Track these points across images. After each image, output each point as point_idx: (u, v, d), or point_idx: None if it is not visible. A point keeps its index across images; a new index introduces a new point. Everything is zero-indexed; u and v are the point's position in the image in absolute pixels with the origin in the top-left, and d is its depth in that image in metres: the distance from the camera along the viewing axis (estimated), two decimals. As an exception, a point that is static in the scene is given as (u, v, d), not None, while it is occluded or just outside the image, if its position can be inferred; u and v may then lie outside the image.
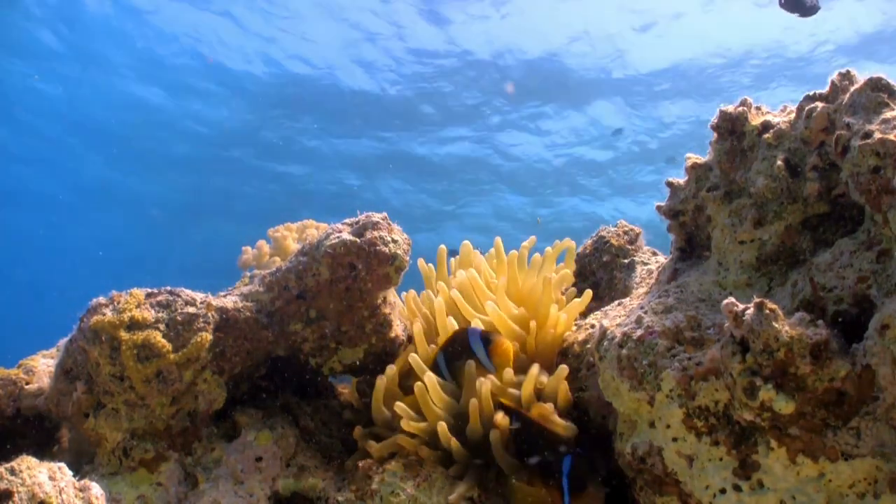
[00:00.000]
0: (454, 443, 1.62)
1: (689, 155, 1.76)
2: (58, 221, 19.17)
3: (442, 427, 1.63)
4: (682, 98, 12.47)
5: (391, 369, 1.84)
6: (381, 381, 1.80)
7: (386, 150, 14.52)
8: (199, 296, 1.78)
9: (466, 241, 2.26)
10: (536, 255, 2.09)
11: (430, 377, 1.68)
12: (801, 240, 1.48)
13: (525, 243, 2.17)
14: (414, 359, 1.76)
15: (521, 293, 2.02)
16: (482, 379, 1.69)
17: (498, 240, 2.21)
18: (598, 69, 12.03)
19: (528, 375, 1.69)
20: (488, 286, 2.03)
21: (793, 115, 1.55)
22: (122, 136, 14.42)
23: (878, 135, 1.24)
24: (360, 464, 1.70)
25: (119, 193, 17.13)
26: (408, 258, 1.88)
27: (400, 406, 1.70)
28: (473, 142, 14.24)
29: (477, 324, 1.87)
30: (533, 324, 1.86)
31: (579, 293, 2.20)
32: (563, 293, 2.11)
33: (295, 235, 2.91)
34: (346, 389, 2.22)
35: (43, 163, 15.83)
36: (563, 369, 1.70)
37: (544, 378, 1.74)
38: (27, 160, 15.75)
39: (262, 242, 2.91)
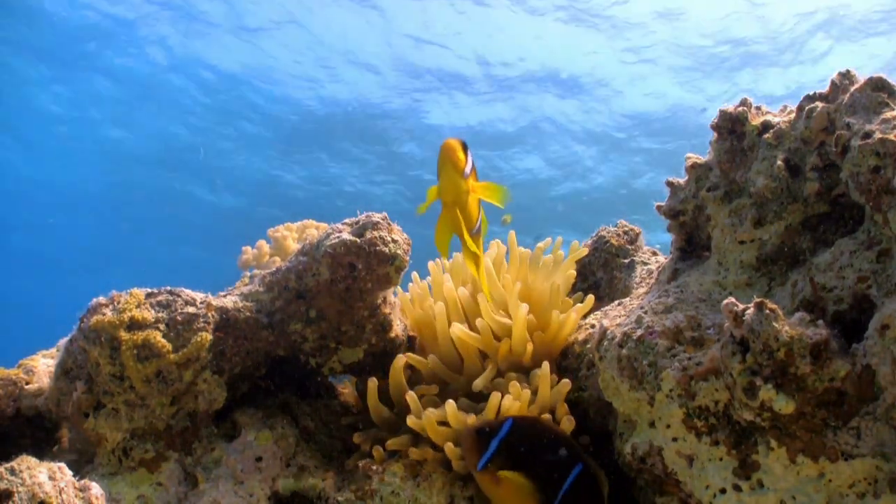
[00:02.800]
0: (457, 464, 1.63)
1: (688, 154, 1.76)
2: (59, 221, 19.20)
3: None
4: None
5: (399, 360, 1.85)
6: (373, 383, 1.80)
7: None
8: (199, 296, 1.78)
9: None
10: (548, 257, 2.09)
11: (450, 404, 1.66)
12: (801, 240, 1.48)
13: (540, 244, 2.17)
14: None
15: (531, 295, 2.02)
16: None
17: (512, 234, 2.20)
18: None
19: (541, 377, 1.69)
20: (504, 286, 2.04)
21: (793, 115, 1.55)
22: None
23: (878, 135, 1.24)
24: (360, 464, 1.70)
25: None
26: (408, 258, 1.88)
27: (411, 396, 1.70)
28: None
29: (489, 318, 1.87)
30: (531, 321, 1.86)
31: (579, 293, 2.20)
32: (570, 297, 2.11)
33: (295, 235, 2.91)
34: (346, 389, 2.22)
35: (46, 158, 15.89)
36: (565, 384, 1.70)
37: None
38: (28, 155, 15.80)
39: (262, 242, 2.91)
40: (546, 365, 1.68)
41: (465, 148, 1.44)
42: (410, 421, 1.66)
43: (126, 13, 11.55)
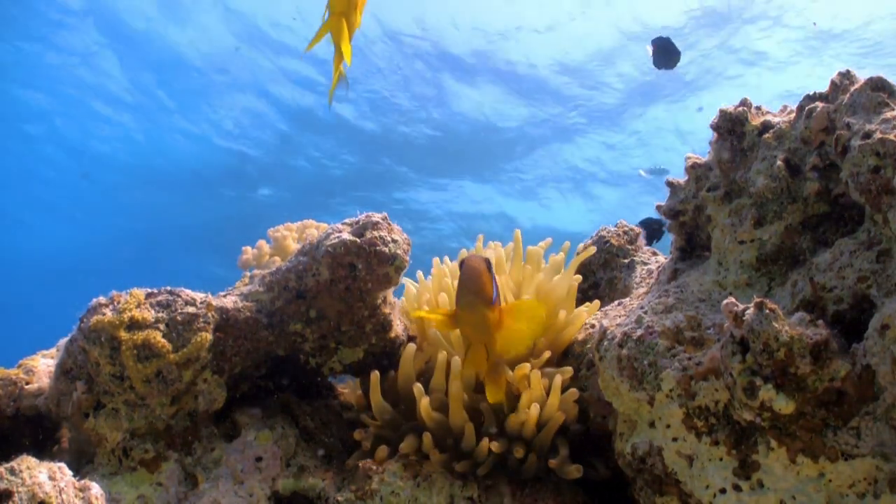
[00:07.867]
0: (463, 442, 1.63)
1: (688, 154, 1.76)
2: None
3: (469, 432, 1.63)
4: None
5: (410, 349, 1.85)
6: (375, 376, 1.80)
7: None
8: (199, 296, 1.78)
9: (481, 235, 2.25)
10: (553, 256, 2.08)
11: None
12: (801, 240, 1.48)
13: (542, 244, 2.16)
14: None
15: (539, 294, 2.01)
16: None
17: (517, 233, 2.20)
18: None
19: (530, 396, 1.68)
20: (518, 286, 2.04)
21: (793, 115, 1.55)
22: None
23: (878, 135, 1.24)
24: (360, 464, 1.70)
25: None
26: (408, 258, 1.88)
27: (418, 388, 1.69)
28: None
29: None
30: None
31: (580, 292, 2.20)
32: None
33: (295, 235, 2.90)
34: (346, 389, 2.21)
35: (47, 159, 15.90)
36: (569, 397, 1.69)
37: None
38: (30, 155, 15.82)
39: (262, 242, 2.91)
40: (558, 378, 1.68)
41: None
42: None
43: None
